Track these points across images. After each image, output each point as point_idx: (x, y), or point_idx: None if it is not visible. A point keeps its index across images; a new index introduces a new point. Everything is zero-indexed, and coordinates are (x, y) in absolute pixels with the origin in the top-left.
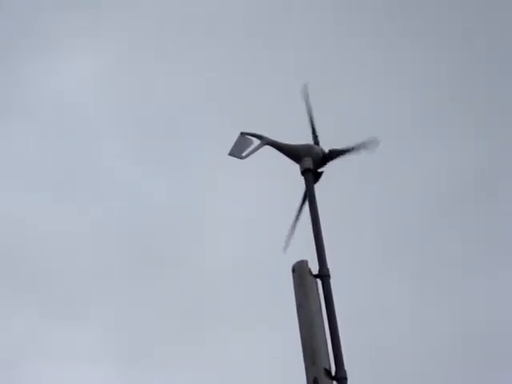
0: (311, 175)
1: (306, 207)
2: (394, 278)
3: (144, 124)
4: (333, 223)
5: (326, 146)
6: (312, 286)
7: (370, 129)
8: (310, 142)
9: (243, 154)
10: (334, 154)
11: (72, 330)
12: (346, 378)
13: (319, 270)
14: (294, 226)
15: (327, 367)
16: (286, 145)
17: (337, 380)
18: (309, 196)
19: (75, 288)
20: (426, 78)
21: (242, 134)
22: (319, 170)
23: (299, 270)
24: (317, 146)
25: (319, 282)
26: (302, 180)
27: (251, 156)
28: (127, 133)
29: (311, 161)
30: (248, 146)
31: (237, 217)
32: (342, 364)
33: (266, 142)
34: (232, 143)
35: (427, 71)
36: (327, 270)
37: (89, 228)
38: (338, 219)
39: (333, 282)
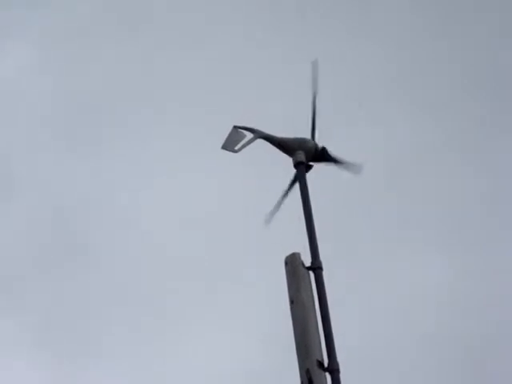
0: (304, 168)
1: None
2: (388, 268)
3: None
4: (325, 215)
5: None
6: (305, 278)
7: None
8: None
9: (236, 148)
10: (325, 156)
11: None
12: (338, 370)
13: (312, 263)
14: (278, 205)
15: (320, 359)
16: (278, 138)
17: (329, 372)
18: (301, 189)
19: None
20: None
21: (234, 127)
22: (310, 163)
23: (292, 262)
24: (310, 140)
25: (312, 274)
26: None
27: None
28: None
29: (304, 154)
30: (241, 139)
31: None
32: (335, 356)
33: (258, 135)
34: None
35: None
36: (320, 262)
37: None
38: (330, 211)
39: (325, 274)
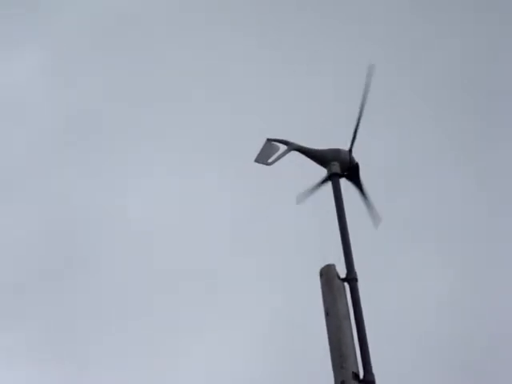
0: (338, 180)
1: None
2: (424, 278)
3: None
4: (359, 226)
5: None
6: (340, 289)
7: None
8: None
9: (269, 161)
10: (356, 177)
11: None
12: (373, 382)
13: (347, 274)
14: (311, 191)
15: (355, 370)
16: (312, 150)
17: (364, 383)
18: (336, 201)
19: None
20: None
21: (268, 140)
22: (355, 163)
23: (327, 274)
24: (344, 150)
25: (347, 285)
26: None
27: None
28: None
29: (338, 165)
30: (274, 152)
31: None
32: (370, 368)
33: (292, 147)
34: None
35: None
36: (355, 273)
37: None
38: (363, 221)
39: (360, 285)
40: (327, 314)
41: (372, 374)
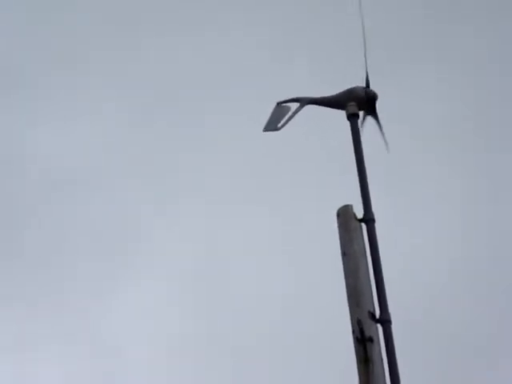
0: (356, 121)
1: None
2: (440, 220)
3: None
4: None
5: None
6: (357, 230)
7: None
8: None
9: (279, 125)
10: (374, 110)
11: None
12: (390, 321)
13: (364, 215)
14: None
15: (371, 310)
16: (326, 98)
17: (381, 322)
18: (354, 140)
19: None
20: None
21: (278, 104)
22: (371, 96)
23: (344, 214)
24: (358, 87)
25: (364, 226)
26: None
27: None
28: None
29: (356, 105)
30: (285, 114)
31: None
32: (386, 307)
33: (305, 102)
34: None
35: None
36: (372, 214)
37: None
38: (383, 161)
39: (377, 226)
40: (344, 254)
41: (388, 314)
